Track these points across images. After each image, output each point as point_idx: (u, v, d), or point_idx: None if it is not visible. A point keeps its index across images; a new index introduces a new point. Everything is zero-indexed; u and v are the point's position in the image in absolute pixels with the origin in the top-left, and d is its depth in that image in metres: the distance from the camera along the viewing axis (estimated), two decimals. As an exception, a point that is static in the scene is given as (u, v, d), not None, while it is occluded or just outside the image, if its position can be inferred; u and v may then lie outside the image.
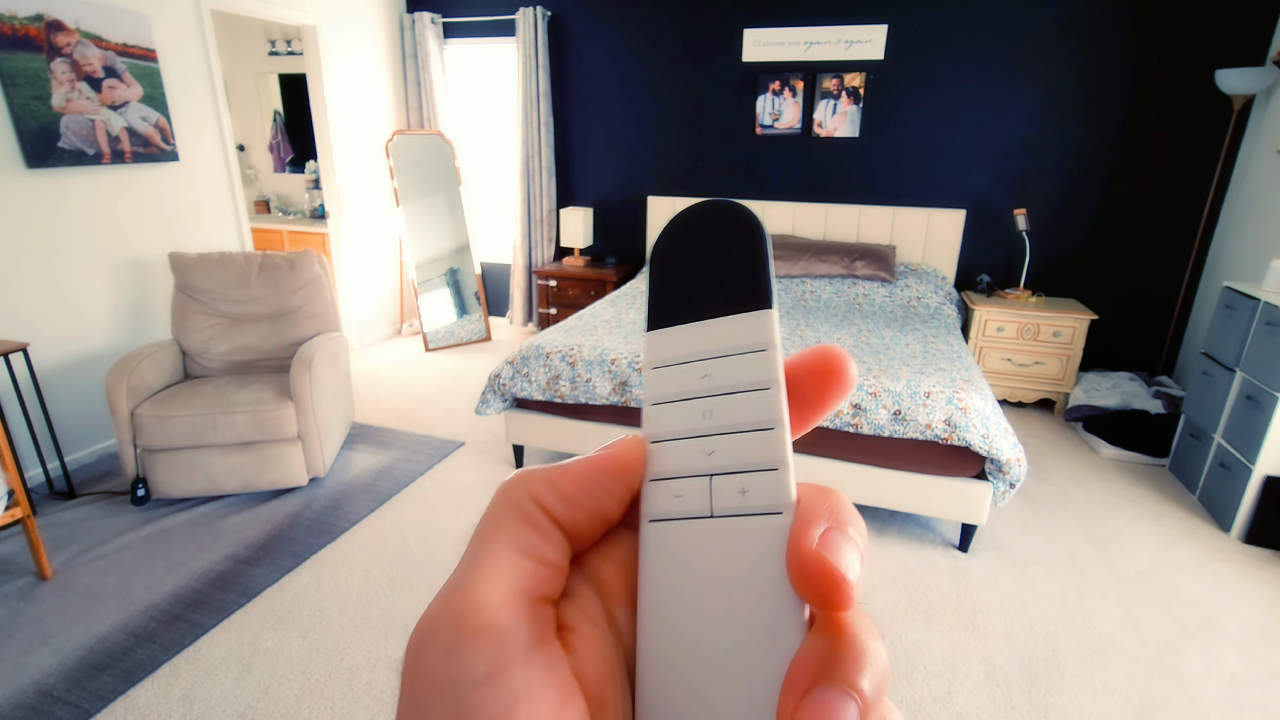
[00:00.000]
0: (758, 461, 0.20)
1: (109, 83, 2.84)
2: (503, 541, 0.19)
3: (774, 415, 0.20)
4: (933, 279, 3.71)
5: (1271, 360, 2.39)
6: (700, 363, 0.21)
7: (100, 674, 1.78)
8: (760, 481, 0.20)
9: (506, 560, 0.18)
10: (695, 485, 0.20)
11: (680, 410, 0.21)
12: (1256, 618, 2.09)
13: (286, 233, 4.99)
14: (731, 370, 0.21)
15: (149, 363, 2.58)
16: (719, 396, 0.21)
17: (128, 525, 2.45)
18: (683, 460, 0.21)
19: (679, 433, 0.21)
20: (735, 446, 0.20)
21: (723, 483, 0.20)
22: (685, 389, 0.21)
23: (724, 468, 0.20)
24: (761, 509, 0.19)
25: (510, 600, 0.18)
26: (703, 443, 0.21)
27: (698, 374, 0.21)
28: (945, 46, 3.61)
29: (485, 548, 0.19)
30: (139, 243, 3.04)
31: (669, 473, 0.21)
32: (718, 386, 0.21)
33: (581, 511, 0.20)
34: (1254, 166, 3.23)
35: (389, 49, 4.51)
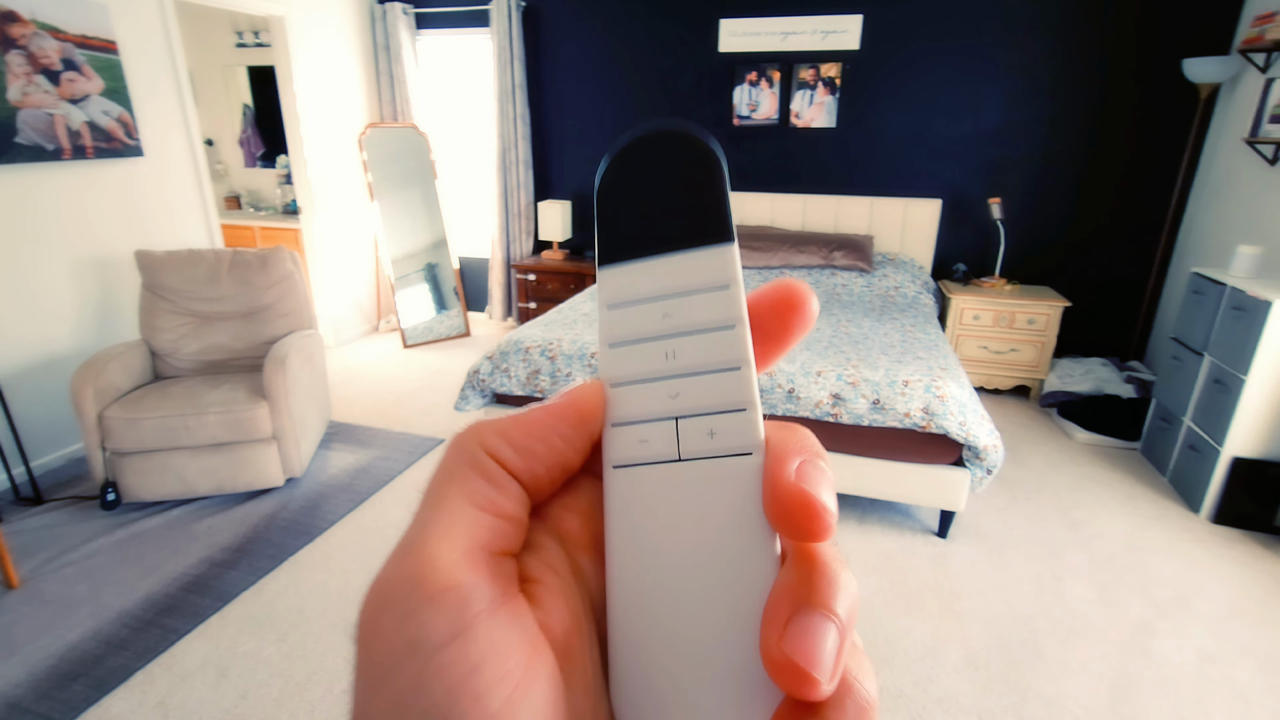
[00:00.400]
0: (725, 403, 0.19)
1: (68, 75, 2.75)
2: (456, 496, 0.18)
3: (740, 355, 0.20)
4: (910, 268, 3.74)
5: (1238, 344, 2.44)
6: (660, 301, 0.20)
7: (71, 684, 1.74)
8: (729, 423, 0.19)
9: (462, 515, 0.18)
10: (661, 429, 0.20)
11: (641, 352, 0.20)
12: (1225, 596, 2.15)
13: (258, 229, 4.90)
14: (693, 309, 0.20)
15: (117, 364, 2.52)
16: (681, 337, 0.20)
17: (98, 530, 2.39)
18: (646, 404, 0.20)
19: (641, 375, 0.20)
20: (701, 388, 0.20)
21: (690, 425, 0.20)
22: (645, 329, 0.20)
23: (690, 410, 0.20)
24: (731, 450, 0.19)
25: (468, 556, 0.17)
26: (667, 385, 0.20)
27: (657, 313, 0.20)
28: (920, 37, 3.63)
29: (438, 504, 0.18)
30: (104, 240, 2.96)
31: (632, 417, 0.20)
32: (679, 326, 0.20)
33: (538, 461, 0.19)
34: (1220, 154, 3.29)
35: (360, 40, 4.42)
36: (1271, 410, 2.39)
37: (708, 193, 0.20)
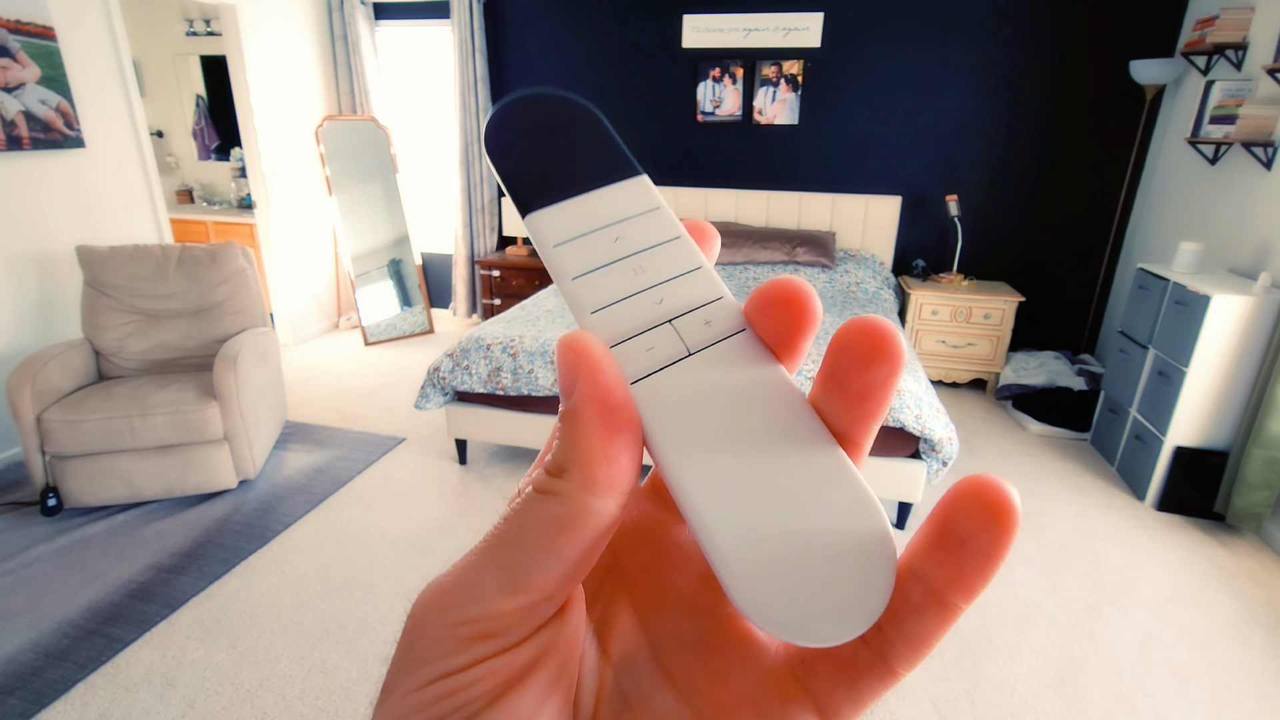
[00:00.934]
0: (704, 296, 0.21)
1: (1, 63, 2.62)
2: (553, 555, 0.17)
3: (696, 258, 0.22)
4: (871, 264, 3.79)
5: (1180, 337, 2.53)
6: (604, 230, 0.22)
7: (7, 697, 1.67)
8: (716, 310, 0.21)
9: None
10: (662, 333, 0.21)
11: (612, 273, 0.21)
12: (1168, 580, 2.23)
13: (211, 223, 4.75)
14: (639, 230, 0.22)
15: (56, 364, 2.42)
16: (641, 253, 0.22)
17: (38, 537, 2.30)
18: (638, 316, 0.21)
19: (621, 293, 0.21)
20: (680, 289, 0.21)
21: (685, 322, 0.21)
22: (605, 255, 0.22)
23: (680, 310, 0.21)
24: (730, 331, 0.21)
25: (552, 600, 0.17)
26: (649, 294, 0.21)
27: (609, 239, 0.22)
28: (879, 35, 3.67)
29: None
30: (42, 235, 2.84)
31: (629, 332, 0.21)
32: (636, 246, 0.22)
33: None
34: (1165, 154, 3.40)
35: (316, 30, 4.31)
36: (1211, 401, 2.49)
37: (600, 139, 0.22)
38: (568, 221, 0.22)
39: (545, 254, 0.22)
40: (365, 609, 2.00)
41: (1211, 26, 2.84)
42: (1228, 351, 2.43)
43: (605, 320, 0.21)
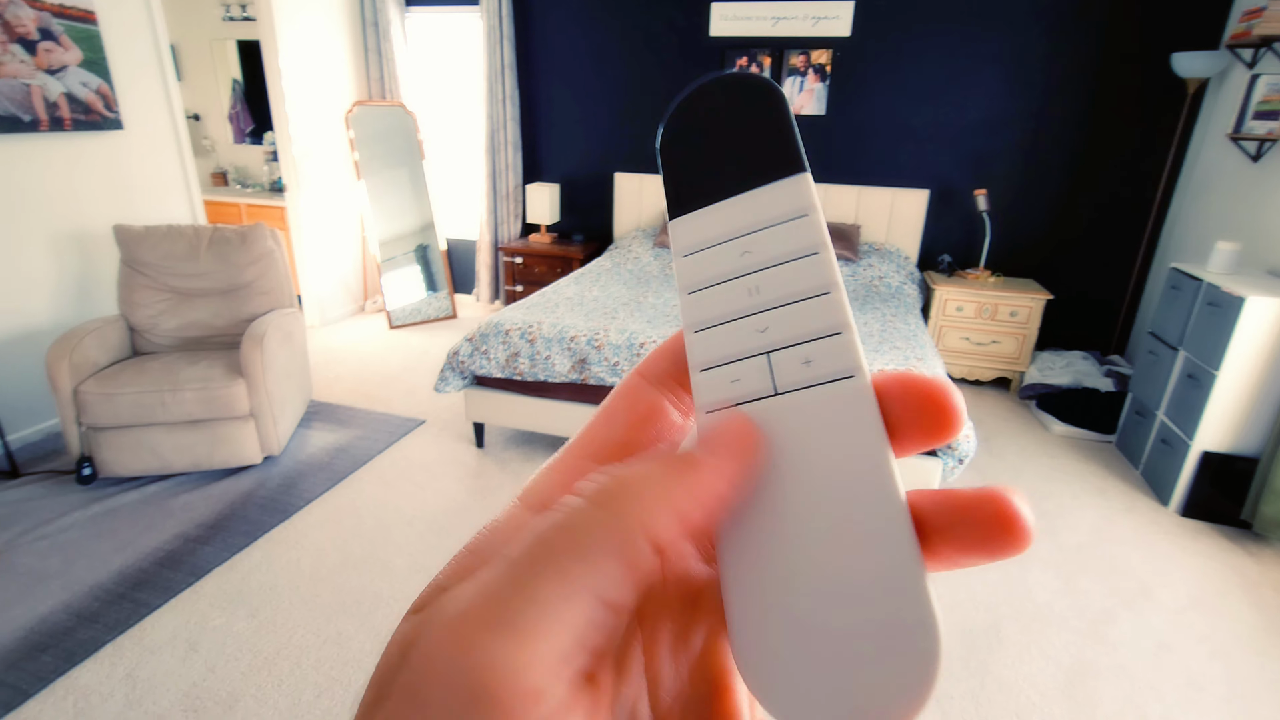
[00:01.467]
0: (817, 329, 0.19)
1: (45, 45, 2.71)
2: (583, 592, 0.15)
3: (827, 279, 0.19)
4: (895, 258, 3.74)
5: (1211, 339, 2.46)
6: (738, 239, 0.20)
7: (40, 655, 1.75)
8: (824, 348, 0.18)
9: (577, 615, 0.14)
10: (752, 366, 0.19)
11: (723, 292, 0.20)
12: (1187, 587, 2.18)
13: (244, 206, 4.86)
14: (773, 241, 0.20)
15: (93, 338, 2.51)
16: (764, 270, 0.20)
17: (73, 505, 2.39)
18: (734, 342, 0.19)
19: (725, 316, 0.20)
20: (790, 318, 0.19)
21: (783, 357, 0.19)
22: (725, 270, 0.20)
23: (782, 342, 0.19)
24: (830, 376, 0.18)
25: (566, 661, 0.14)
26: (753, 320, 0.19)
27: (736, 252, 0.20)
28: (910, 25, 3.60)
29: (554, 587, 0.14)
30: (83, 214, 2.94)
31: (720, 359, 0.19)
32: (761, 260, 0.20)
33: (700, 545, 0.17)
34: (1205, 150, 3.29)
35: (348, 16, 4.37)
36: (1241, 405, 2.42)
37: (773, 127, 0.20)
38: (703, 230, 0.21)
39: (675, 263, 0.21)
40: (380, 584, 2.06)
41: (1259, 18, 2.73)
42: (1260, 355, 2.35)
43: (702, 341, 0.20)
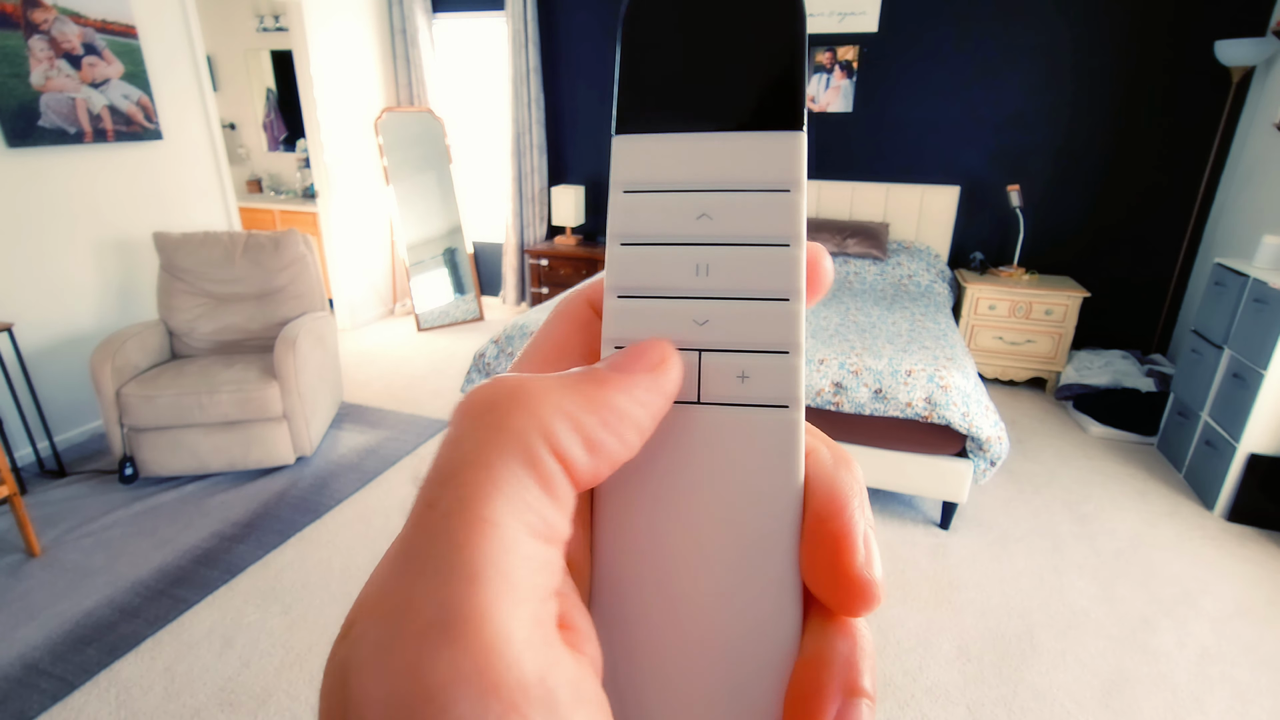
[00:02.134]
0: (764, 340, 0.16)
1: (89, 60, 2.81)
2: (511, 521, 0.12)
3: (791, 283, 0.16)
4: (925, 256, 3.68)
5: (1258, 337, 2.37)
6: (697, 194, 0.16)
7: (85, 648, 1.82)
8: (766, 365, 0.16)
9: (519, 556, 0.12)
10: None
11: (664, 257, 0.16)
12: (1233, 594, 2.10)
13: (278, 212, 4.98)
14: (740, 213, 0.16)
15: (134, 342, 2.59)
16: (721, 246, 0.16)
17: (116, 503, 2.48)
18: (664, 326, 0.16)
19: (660, 289, 0.16)
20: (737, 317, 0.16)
21: (716, 362, 0.16)
22: (673, 230, 0.16)
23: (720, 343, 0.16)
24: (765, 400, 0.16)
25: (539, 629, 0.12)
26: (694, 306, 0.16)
27: (692, 211, 0.16)
28: (938, 19, 3.54)
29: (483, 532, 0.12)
30: (124, 222, 3.04)
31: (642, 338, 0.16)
32: (721, 234, 0.16)
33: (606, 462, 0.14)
34: (1251, 140, 3.17)
35: (377, 24, 4.45)
36: (1291, 406, 2.32)
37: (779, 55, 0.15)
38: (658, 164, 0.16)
39: (611, 193, 0.17)
40: (408, 583, 2.08)
41: (1308, 2, 2.62)
42: (1312, 354, 2.26)
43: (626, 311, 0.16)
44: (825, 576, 0.15)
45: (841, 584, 0.15)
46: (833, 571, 0.15)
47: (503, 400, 0.14)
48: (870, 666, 0.15)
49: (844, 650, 0.15)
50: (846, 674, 0.15)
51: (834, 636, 0.15)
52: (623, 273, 0.16)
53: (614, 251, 0.17)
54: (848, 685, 0.15)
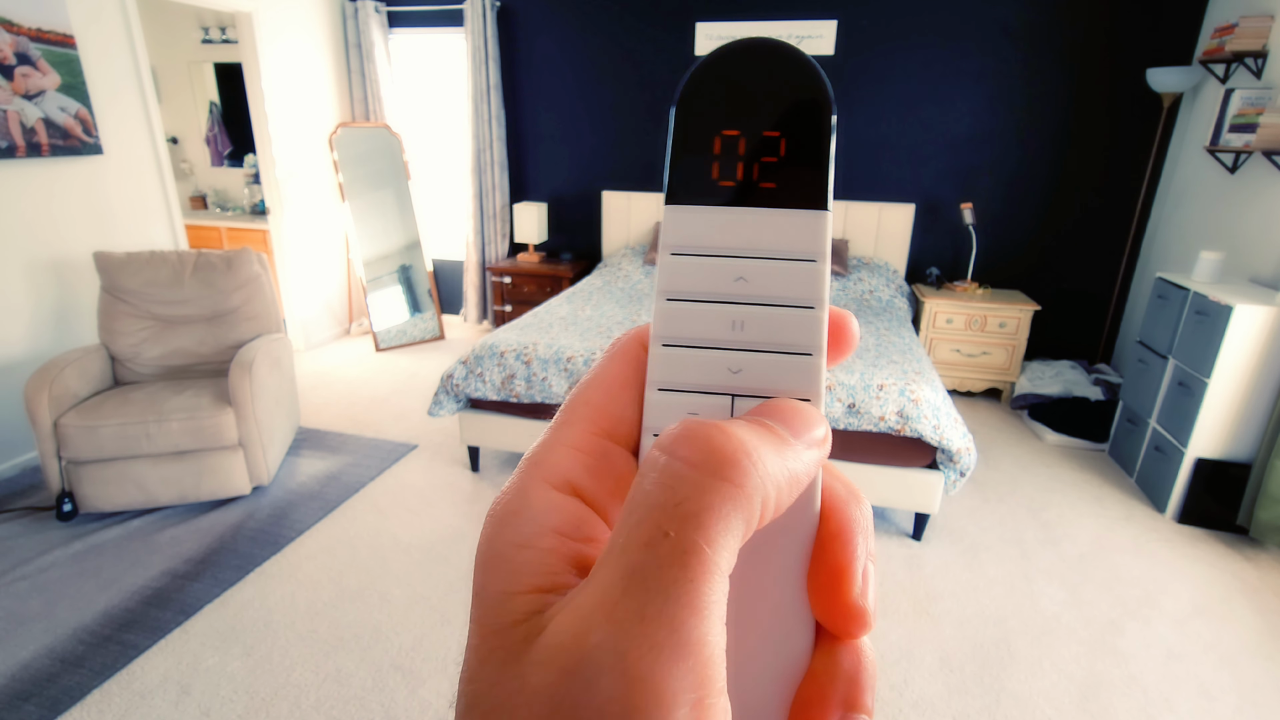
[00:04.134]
0: (789, 389, 0.18)
1: (22, 70, 2.65)
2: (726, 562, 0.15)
3: (815, 340, 0.18)
4: (884, 272, 3.77)
5: (1201, 347, 2.50)
6: (735, 260, 0.18)
7: (23, 704, 1.67)
8: None
9: (724, 593, 0.15)
10: (714, 403, 0.18)
11: (705, 314, 0.19)
12: (1190, 594, 2.19)
13: (225, 229, 4.78)
14: (772, 277, 0.18)
15: (73, 369, 2.43)
16: (755, 306, 0.18)
17: (53, 542, 2.30)
18: (702, 373, 0.18)
19: (700, 340, 0.19)
20: (766, 368, 0.18)
21: (747, 406, 0.18)
22: (714, 289, 0.19)
23: (751, 389, 0.18)
24: None
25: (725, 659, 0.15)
26: (729, 357, 0.18)
27: (730, 274, 0.18)
28: (892, 43, 3.67)
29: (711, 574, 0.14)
30: (61, 241, 2.86)
31: (683, 384, 0.18)
32: (755, 294, 0.18)
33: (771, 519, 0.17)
34: (1183, 162, 3.37)
35: (331, 38, 4.34)
36: (1233, 412, 2.45)
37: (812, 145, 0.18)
38: (702, 231, 0.19)
39: (660, 255, 0.19)
40: (379, 616, 1.99)
41: (1231, 34, 2.82)
42: (1250, 362, 2.40)
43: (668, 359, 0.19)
44: (824, 601, 0.17)
45: (837, 610, 0.17)
46: (832, 599, 0.17)
47: (743, 460, 0.15)
48: (871, 686, 0.17)
49: (848, 668, 0.17)
50: (849, 690, 0.17)
51: (841, 655, 0.17)
52: (667, 323, 0.19)
53: (660, 305, 0.19)
54: (848, 700, 0.16)
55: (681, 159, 0.19)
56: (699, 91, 0.19)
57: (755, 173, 0.18)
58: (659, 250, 0.19)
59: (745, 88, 0.18)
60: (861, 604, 0.17)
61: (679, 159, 0.19)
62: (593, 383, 0.20)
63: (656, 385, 0.19)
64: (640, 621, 0.13)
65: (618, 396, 0.19)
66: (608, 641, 0.13)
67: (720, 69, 0.18)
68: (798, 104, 0.18)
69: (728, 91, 0.18)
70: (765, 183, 0.18)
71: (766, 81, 0.18)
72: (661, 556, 0.14)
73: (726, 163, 0.18)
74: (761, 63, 0.18)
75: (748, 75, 0.18)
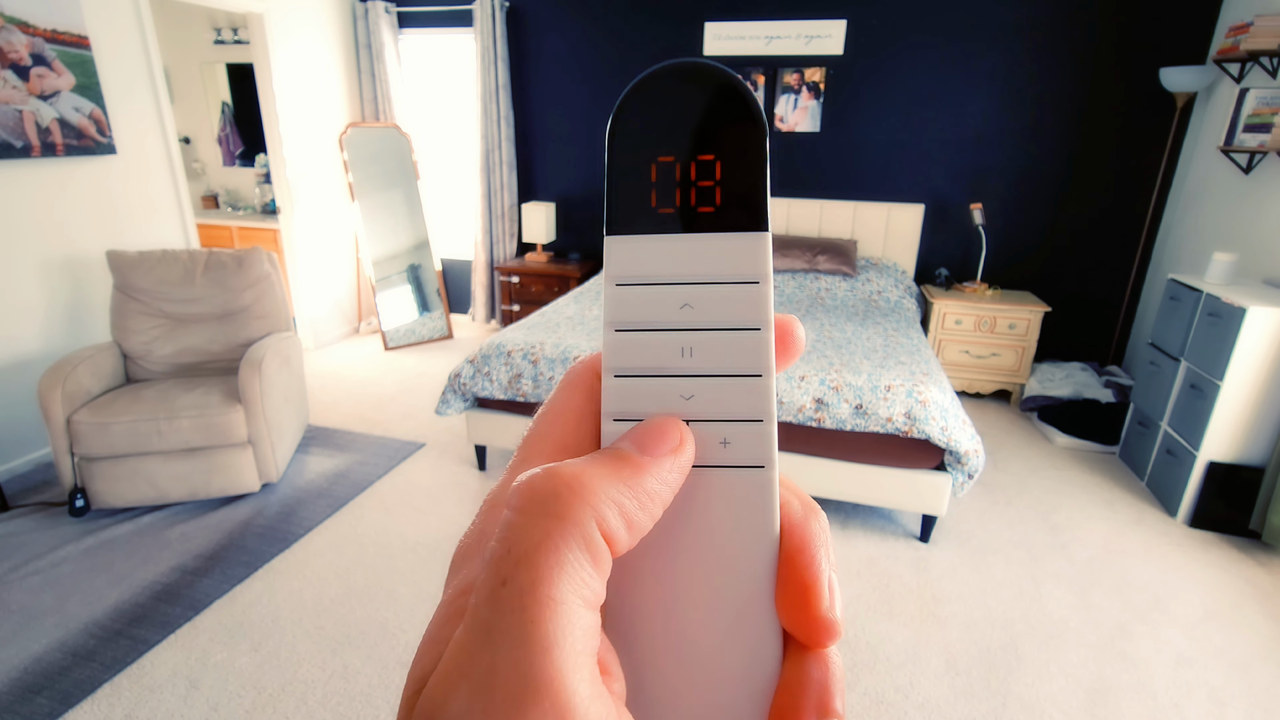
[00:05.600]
0: (741, 411, 0.18)
1: (37, 71, 2.68)
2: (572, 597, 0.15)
3: (763, 362, 0.18)
4: (893, 273, 3.76)
5: (1213, 349, 2.47)
6: (680, 287, 0.18)
7: (35, 696, 1.69)
8: (744, 433, 0.18)
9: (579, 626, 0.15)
10: None
11: (653, 342, 0.19)
12: (1200, 599, 2.17)
13: (236, 229, 4.82)
14: (718, 302, 0.18)
15: (86, 366, 2.46)
16: (702, 331, 0.18)
17: (66, 538, 2.33)
18: (655, 402, 0.18)
19: (651, 369, 0.19)
20: (718, 392, 0.18)
21: (701, 431, 0.18)
22: (660, 318, 0.19)
23: (704, 414, 0.18)
24: (744, 462, 0.18)
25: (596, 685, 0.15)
26: (680, 384, 0.18)
27: (676, 301, 0.18)
28: (902, 43, 3.65)
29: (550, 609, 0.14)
30: (75, 240, 2.89)
31: (638, 414, 0.18)
32: (701, 320, 0.18)
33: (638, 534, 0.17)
34: (1196, 163, 3.34)
35: (341, 39, 4.37)
36: (1246, 415, 2.43)
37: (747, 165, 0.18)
38: (644, 260, 0.19)
39: (605, 286, 0.19)
40: (386, 614, 2.01)
41: (1245, 33, 2.78)
42: (1264, 365, 2.37)
43: (620, 390, 0.19)
44: (796, 616, 0.18)
45: (809, 623, 0.17)
46: (802, 613, 0.17)
47: (564, 492, 0.16)
48: (840, 690, 0.17)
49: (818, 676, 0.17)
50: (820, 697, 0.17)
51: (810, 665, 0.18)
52: (618, 355, 0.19)
53: (609, 337, 0.19)
54: (821, 706, 0.17)
55: (618, 188, 0.19)
56: (631, 119, 0.18)
57: (693, 198, 0.18)
58: (604, 281, 0.19)
59: (677, 112, 0.18)
60: (831, 616, 0.17)
61: (616, 188, 0.19)
62: (548, 415, 0.20)
63: (611, 416, 0.19)
64: (493, 674, 0.14)
65: (575, 429, 0.19)
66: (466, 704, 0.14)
67: (649, 94, 0.18)
68: (730, 126, 0.18)
69: (659, 117, 0.18)
70: (703, 207, 0.18)
71: (697, 105, 0.18)
72: (502, 604, 0.14)
73: (664, 190, 0.18)
74: (691, 86, 0.18)
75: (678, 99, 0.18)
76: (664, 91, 0.18)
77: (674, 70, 0.18)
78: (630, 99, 0.18)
